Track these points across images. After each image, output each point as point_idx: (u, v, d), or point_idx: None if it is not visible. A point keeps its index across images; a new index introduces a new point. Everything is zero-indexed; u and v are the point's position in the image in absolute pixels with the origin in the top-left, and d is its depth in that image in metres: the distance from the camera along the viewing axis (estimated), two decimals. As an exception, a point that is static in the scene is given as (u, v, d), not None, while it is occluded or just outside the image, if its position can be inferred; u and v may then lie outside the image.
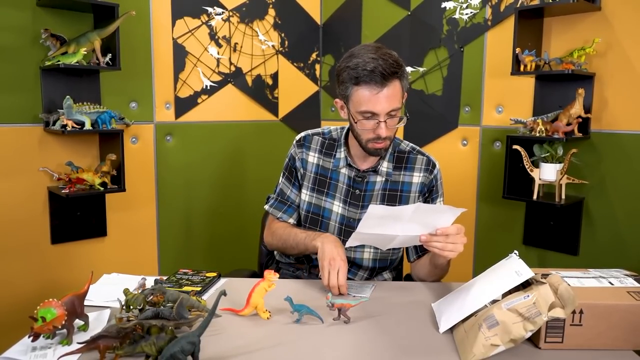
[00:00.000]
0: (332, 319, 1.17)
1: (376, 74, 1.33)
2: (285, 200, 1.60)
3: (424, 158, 1.55)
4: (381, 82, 1.33)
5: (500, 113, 2.32)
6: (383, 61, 1.34)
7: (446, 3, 2.43)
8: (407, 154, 1.55)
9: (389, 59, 1.35)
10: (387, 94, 1.35)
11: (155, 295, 1.14)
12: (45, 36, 2.02)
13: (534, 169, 2.08)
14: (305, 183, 1.57)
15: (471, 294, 1.18)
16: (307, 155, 1.57)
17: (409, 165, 1.53)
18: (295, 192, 1.59)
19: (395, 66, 1.35)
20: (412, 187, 1.52)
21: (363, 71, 1.34)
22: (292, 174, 1.60)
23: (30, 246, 2.13)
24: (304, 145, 1.58)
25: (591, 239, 2.11)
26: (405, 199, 1.51)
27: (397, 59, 1.37)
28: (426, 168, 1.53)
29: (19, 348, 1.04)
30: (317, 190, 1.55)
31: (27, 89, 2.07)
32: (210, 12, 2.55)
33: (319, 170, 1.55)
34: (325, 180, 1.54)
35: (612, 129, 2.03)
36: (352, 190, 1.52)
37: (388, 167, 1.52)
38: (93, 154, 2.26)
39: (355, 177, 1.52)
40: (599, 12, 2.01)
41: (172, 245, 2.56)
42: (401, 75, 1.37)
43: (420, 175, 1.52)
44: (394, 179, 1.52)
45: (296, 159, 1.58)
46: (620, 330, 1.05)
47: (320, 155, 1.56)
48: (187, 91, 2.53)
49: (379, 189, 1.52)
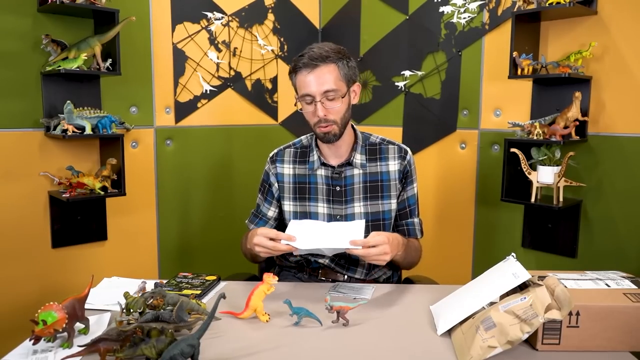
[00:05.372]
0: (331, 322, 1.18)
1: (306, 58, 1.46)
2: (258, 213, 1.69)
3: (395, 147, 1.62)
4: (311, 64, 1.46)
5: (498, 116, 2.34)
6: (318, 48, 1.48)
7: (444, 7, 2.44)
8: (379, 145, 1.62)
9: (324, 47, 1.49)
10: (317, 74, 1.46)
11: (155, 299, 1.14)
12: (46, 42, 2.03)
13: (531, 172, 2.09)
14: (287, 195, 1.62)
15: (469, 296, 1.19)
16: (282, 168, 1.64)
17: (383, 156, 1.60)
18: (267, 206, 1.68)
19: (330, 52, 1.47)
20: (390, 175, 1.59)
21: (298, 60, 1.49)
22: (265, 189, 1.69)
23: (31, 250, 2.14)
24: (276, 160, 1.66)
25: (589, 241, 2.12)
26: (387, 187, 1.58)
27: (337, 48, 1.50)
28: (399, 155, 1.60)
29: (20, 351, 1.05)
30: (299, 198, 1.61)
31: (28, 94, 2.08)
32: (209, 17, 2.57)
33: (297, 179, 1.62)
34: (304, 187, 1.61)
35: (609, 132, 2.04)
36: (332, 188, 1.58)
37: (361, 159, 1.58)
38: (93, 158, 2.27)
39: (332, 175, 1.58)
40: (595, 16, 2.02)
41: (172, 249, 2.57)
42: (336, 60, 1.48)
43: (396, 163, 1.59)
44: (371, 171, 1.58)
45: (270, 174, 1.66)
46: (616, 332, 1.06)
47: (295, 165, 1.63)
48: (187, 96, 2.54)
49: (358, 181, 1.57)
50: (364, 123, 2.76)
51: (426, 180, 2.53)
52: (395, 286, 1.54)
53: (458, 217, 2.49)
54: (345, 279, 1.59)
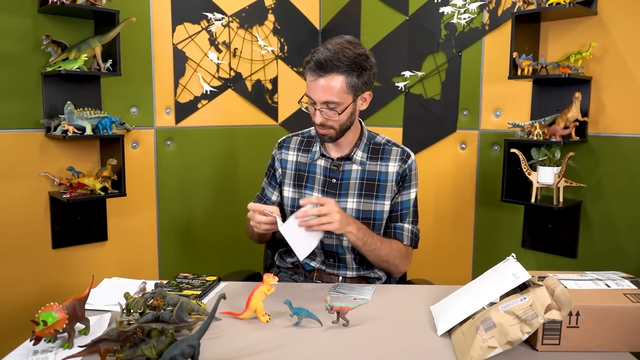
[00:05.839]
0: (331, 322, 1.18)
1: (318, 64, 1.40)
2: (263, 197, 1.71)
3: (398, 149, 1.60)
4: (319, 71, 1.40)
5: (498, 117, 2.34)
6: (333, 53, 1.40)
7: (444, 8, 2.45)
8: (383, 145, 1.61)
9: (340, 54, 1.39)
10: (323, 84, 1.41)
11: (156, 299, 1.14)
12: (47, 42, 2.03)
13: (532, 173, 2.09)
14: (288, 181, 1.64)
15: (469, 297, 1.19)
16: (287, 155, 1.66)
17: (385, 156, 1.59)
18: (271, 190, 1.69)
19: (344, 62, 1.39)
20: (388, 176, 1.57)
21: (312, 57, 1.42)
22: (270, 174, 1.70)
23: (31, 251, 2.14)
24: (283, 146, 1.68)
25: (589, 241, 2.12)
26: (383, 188, 1.57)
27: (354, 56, 1.41)
28: (401, 158, 1.58)
29: (21, 351, 1.05)
30: (297, 185, 1.62)
31: (29, 95, 2.08)
32: (210, 18, 2.57)
33: (298, 166, 1.64)
34: (303, 175, 1.62)
35: (609, 132, 2.04)
36: (328, 180, 1.58)
37: (362, 156, 1.58)
38: (94, 159, 2.27)
39: (330, 167, 1.58)
40: (595, 17, 2.03)
41: (172, 250, 2.57)
42: (346, 71, 1.40)
43: (396, 165, 1.57)
44: (370, 169, 1.57)
45: (275, 159, 1.69)
46: (616, 332, 1.06)
47: (299, 153, 1.65)
48: (187, 96, 2.54)
49: (355, 177, 1.57)
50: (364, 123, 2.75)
51: (426, 180, 2.52)
52: (395, 286, 1.54)
53: (458, 218, 2.49)
54: (340, 280, 1.58)
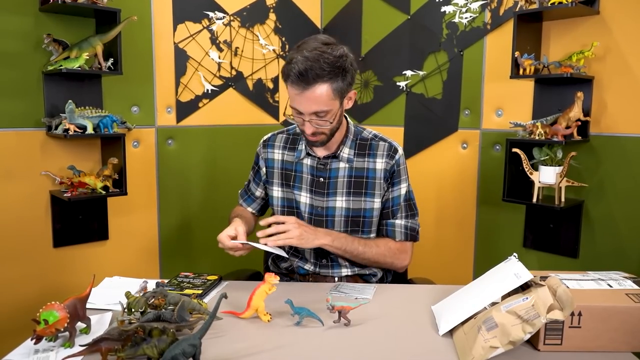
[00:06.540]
0: (333, 322, 1.18)
1: (300, 76, 1.33)
2: (248, 191, 1.74)
3: (385, 144, 1.56)
4: (302, 84, 1.34)
5: (500, 116, 2.33)
6: (314, 62, 1.33)
7: (446, 7, 2.44)
8: (370, 141, 1.57)
9: (321, 60, 1.33)
10: (309, 96, 1.36)
11: (157, 298, 1.14)
12: (48, 41, 2.03)
13: (533, 172, 2.09)
14: (275, 180, 1.63)
15: (471, 297, 1.19)
16: (273, 153, 1.64)
17: (372, 152, 1.55)
18: (255, 186, 1.71)
19: (326, 69, 1.33)
20: (376, 173, 1.54)
21: (291, 70, 1.35)
22: (255, 170, 1.71)
23: (32, 250, 2.14)
24: (268, 145, 1.67)
25: (591, 241, 2.12)
26: (371, 185, 1.54)
27: (335, 60, 1.35)
28: (388, 154, 1.54)
29: (22, 350, 1.05)
30: (284, 184, 1.61)
31: (30, 94, 2.08)
32: (211, 17, 2.57)
33: (284, 165, 1.61)
34: (290, 174, 1.60)
35: (611, 132, 2.03)
36: (315, 179, 1.56)
37: (349, 153, 1.54)
38: (95, 158, 2.27)
39: (317, 166, 1.56)
40: (597, 16, 2.02)
41: (173, 249, 2.57)
42: (331, 79, 1.35)
43: (383, 162, 1.54)
44: (357, 166, 1.54)
45: (260, 157, 1.68)
46: (618, 333, 1.05)
47: (284, 151, 1.62)
48: (188, 95, 2.54)
49: (343, 175, 1.54)
50: (365, 123, 2.76)
51: (427, 180, 2.53)
52: (397, 286, 1.54)
53: (459, 217, 2.49)
54: (337, 280, 1.57)
